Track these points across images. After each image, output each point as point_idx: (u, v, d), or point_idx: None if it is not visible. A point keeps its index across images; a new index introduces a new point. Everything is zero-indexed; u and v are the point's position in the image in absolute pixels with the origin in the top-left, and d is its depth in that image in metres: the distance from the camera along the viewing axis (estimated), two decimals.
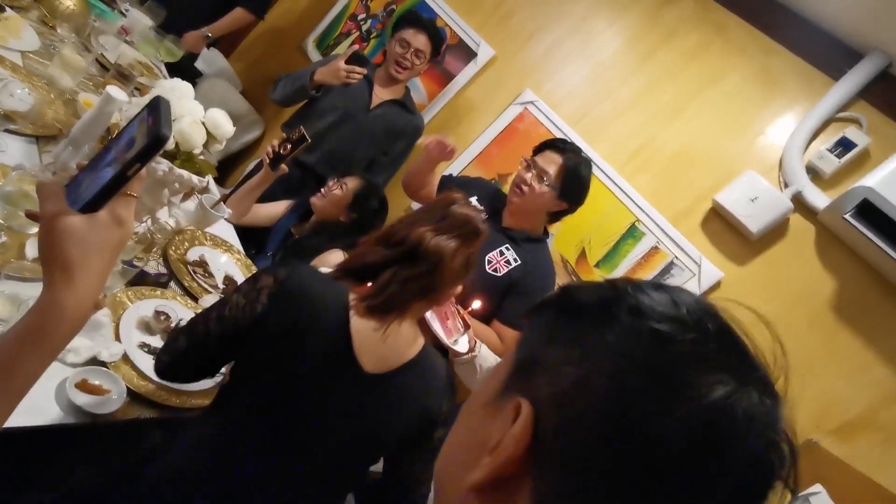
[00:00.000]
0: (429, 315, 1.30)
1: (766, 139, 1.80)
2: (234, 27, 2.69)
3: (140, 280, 1.33)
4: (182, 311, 1.34)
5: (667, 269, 1.83)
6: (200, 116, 1.40)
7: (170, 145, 1.31)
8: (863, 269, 1.58)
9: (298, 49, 3.14)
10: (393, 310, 0.91)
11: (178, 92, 1.40)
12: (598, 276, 1.95)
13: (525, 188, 1.69)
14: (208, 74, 3.05)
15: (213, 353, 1.00)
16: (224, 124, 1.42)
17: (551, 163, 1.69)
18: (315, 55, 3.04)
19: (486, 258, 1.75)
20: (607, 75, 2.14)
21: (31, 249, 1.14)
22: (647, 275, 1.86)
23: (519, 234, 1.76)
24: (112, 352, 1.11)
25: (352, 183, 1.90)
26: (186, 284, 1.46)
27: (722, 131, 1.88)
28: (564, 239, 2.03)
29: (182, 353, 1.00)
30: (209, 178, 1.54)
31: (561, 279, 2.00)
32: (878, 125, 1.63)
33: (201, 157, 1.45)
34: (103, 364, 1.10)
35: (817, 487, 1.02)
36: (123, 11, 2.28)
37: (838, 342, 1.57)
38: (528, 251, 1.75)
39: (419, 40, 2.13)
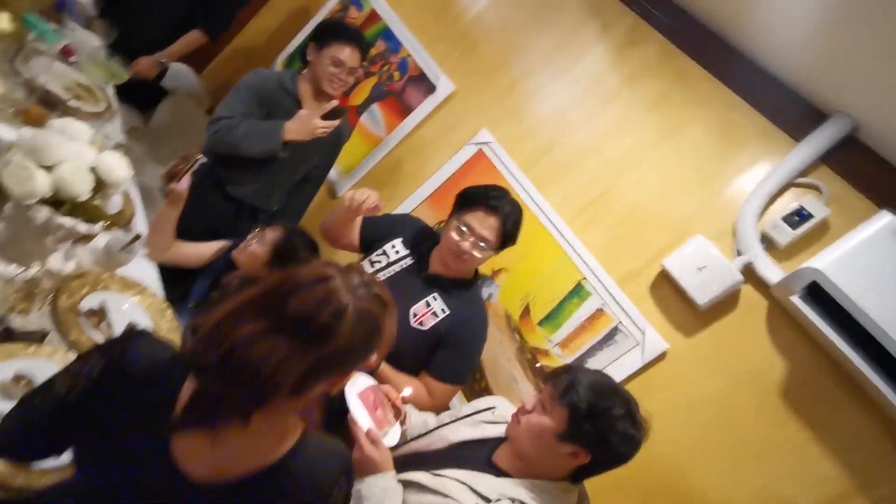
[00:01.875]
0: (353, 402, 1.17)
1: (722, 200, 1.67)
2: (190, 50, 2.61)
3: (8, 336, 1.23)
4: (48, 372, 1.24)
5: (610, 336, 1.70)
6: (88, 162, 1.29)
7: (46, 192, 1.22)
8: (814, 352, 1.44)
9: (268, 68, 3.06)
10: (215, 424, 0.78)
11: (66, 134, 1.31)
12: (541, 335, 1.82)
13: (465, 257, 1.56)
14: (176, 92, 2.98)
15: (47, 432, 0.88)
16: (117, 170, 1.32)
17: (487, 227, 1.53)
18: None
19: (412, 311, 1.63)
20: (566, 118, 2.03)
21: None
22: (591, 339, 1.73)
23: (448, 280, 1.64)
24: None
25: (271, 234, 1.77)
26: (72, 339, 1.35)
27: (678, 188, 1.75)
28: (509, 293, 1.91)
29: (16, 426, 0.89)
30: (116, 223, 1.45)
31: (501, 334, 1.88)
32: (840, 195, 1.50)
33: (95, 201, 1.35)
34: None
35: None
36: (69, 30, 2.21)
37: (786, 431, 1.43)
38: (458, 299, 1.62)
39: (354, 58, 1.98)
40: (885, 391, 1.19)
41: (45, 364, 1.26)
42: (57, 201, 1.27)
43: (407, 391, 1.25)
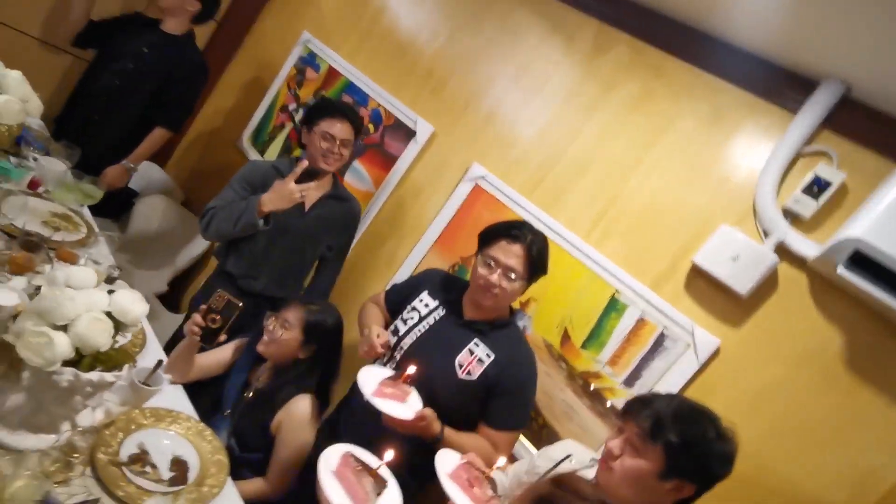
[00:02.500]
0: (450, 489, 1.09)
1: (733, 185, 1.66)
2: (155, 149, 2.55)
3: None
4: None
5: (658, 343, 1.67)
6: (103, 307, 1.22)
7: (69, 353, 1.14)
8: (867, 316, 1.43)
9: (234, 147, 3.01)
10: None
11: (74, 282, 1.23)
12: (587, 357, 1.78)
13: (496, 290, 1.54)
14: (145, 191, 2.89)
15: None
16: (133, 308, 1.25)
17: (512, 255, 1.55)
18: (252, 152, 2.90)
19: (457, 362, 1.58)
20: (553, 136, 2.02)
21: None
22: (639, 351, 1.70)
23: (486, 324, 1.61)
24: None
25: (294, 316, 1.71)
26: (122, 495, 1.26)
27: (685, 182, 1.74)
28: (544, 322, 1.87)
29: None
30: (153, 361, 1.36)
31: (546, 366, 1.83)
32: (850, 156, 1.51)
33: (116, 346, 1.27)
34: None
35: None
36: (32, 160, 2.13)
37: (860, 402, 1.41)
38: (499, 341, 1.60)
39: (344, 131, 1.99)
40: None
41: None
42: (74, 362, 1.19)
43: (501, 461, 1.19)
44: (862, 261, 1.32)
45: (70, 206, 2.08)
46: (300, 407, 1.70)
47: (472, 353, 1.59)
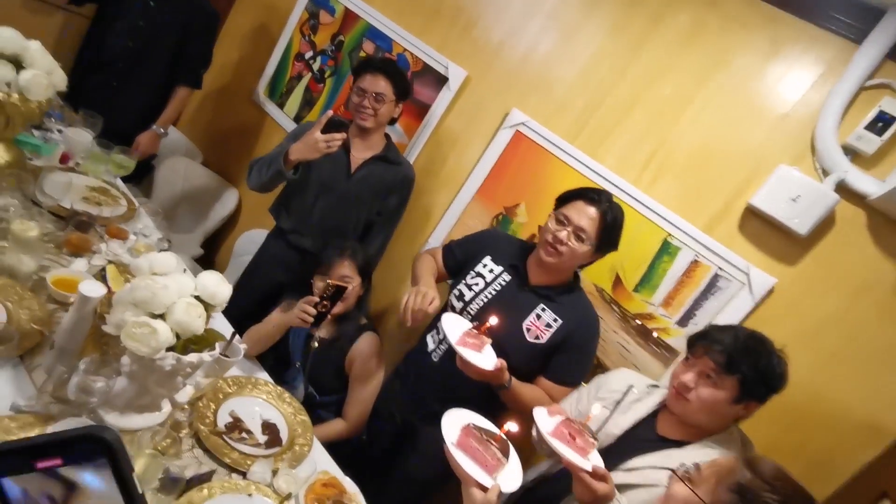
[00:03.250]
0: (559, 447, 1.15)
1: (792, 122, 1.64)
2: (181, 109, 2.46)
3: (186, 488, 1.22)
4: (234, 503, 1.24)
5: (713, 284, 1.72)
6: (191, 290, 1.23)
7: (172, 340, 1.16)
8: None
9: (250, 101, 2.90)
10: None
11: (159, 269, 1.24)
12: (639, 300, 1.83)
13: (562, 248, 1.55)
14: (163, 155, 2.82)
15: None
16: (220, 289, 1.26)
17: (585, 216, 1.54)
18: (270, 106, 2.81)
19: (524, 326, 1.63)
20: (597, 77, 1.95)
21: None
22: (693, 292, 1.75)
23: (552, 289, 1.64)
24: None
25: (349, 269, 1.80)
26: (230, 462, 1.34)
27: (739, 119, 1.72)
28: (595, 268, 1.89)
29: None
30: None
31: (599, 310, 1.89)
32: None
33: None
34: None
35: None
36: (56, 133, 2.05)
37: None
38: (566, 305, 1.64)
39: (377, 84, 1.93)
40: None
41: (236, 500, 1.25)
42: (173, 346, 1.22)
43: (595, 409, 1.27)
44: None
45: (103, 179, 2.04)
46: (370, 344, 1.83)
47: (539, 317, 1.63)
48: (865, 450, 1.50)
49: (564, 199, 1.60)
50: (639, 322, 1.83)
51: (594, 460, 1.16)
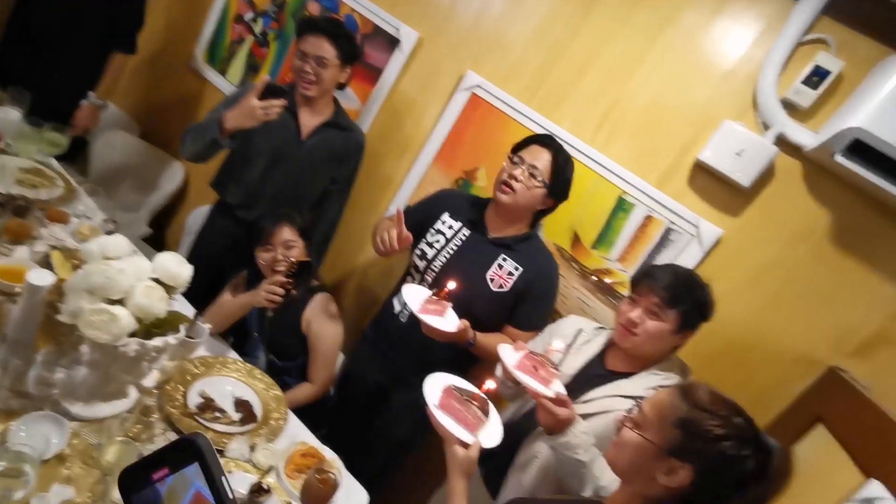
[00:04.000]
0: (522, 377, 1.23)
1: (736, 78, 1.70)
2: (118, 77, 2.29)
3: None
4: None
5: (665, 237, 1.80)
6: (149, 273, 1.19)
7: (133, 325, 1.13)
8: (858, 197, 1.58)
9: (188, 68, 2.74)
10: None
11: (112, 252, 1.18)
12: (597, 256, 1.90)
13: (516, 185, 1.60)
14: (98, 130, 2.63)
15: None
16: (181, 269, 1.22)
17: (539, 158, 1.62)
18: (210, 72, 2.66)
19: (488, 276, 1.69)
20: (550, 37, 1.95)
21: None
22: (647, 246, 1.83)
23: (510, 239, 1.70)
24: None
25: (289, 233, 1.77)
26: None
27: (687, 76, 1.77)
28: (554, 228, 1.95)
29: None
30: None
31: (560, 269, 1.95)
32: (848, 43, 1.56)
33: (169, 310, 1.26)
34: None
35: (878, 490, 1.06)
36: None
37: (845, 270, 1.62)
38: (525, 254, 1.71)
39: (319, 47, 1.84)
40: None
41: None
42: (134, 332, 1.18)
43: (556, 344, 1.35)
44: (859, 148, 1.43)
45: (36, 159, 1.90)
46: (323, 304, 1.84)
47: (501, 267, 1.69)
48: (802, 380, 1.65)
49: (519, 145, 1.66)
50: (597, 277, 1.91)
51: (556, 388, 1.24)
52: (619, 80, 1.85)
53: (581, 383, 1.45)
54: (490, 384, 1.21)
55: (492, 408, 1.20)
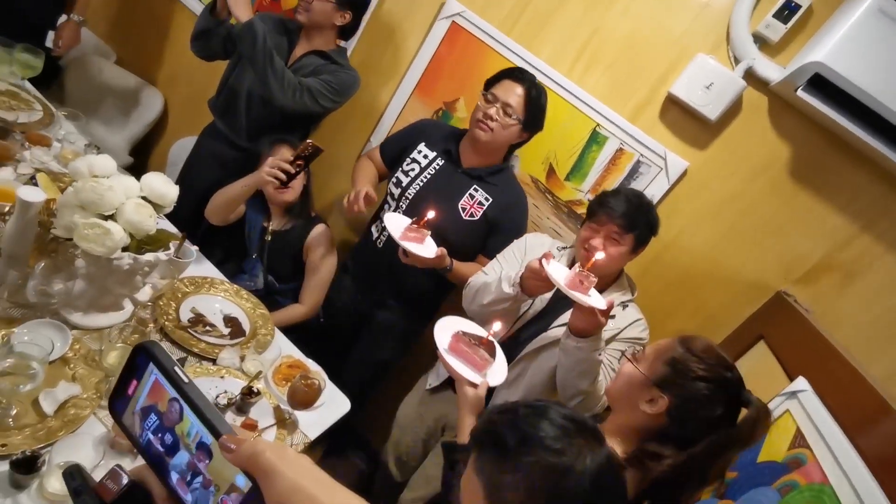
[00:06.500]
0: (566, 288, 1.31)
1: (711, 11, 1.73)
2: None
3: None
4: (208, 385, 1.35)
5: (635, 169, 1.88)
6: (137, 191, 1.25)
7: (126, 239, 1.19)
8: (816, 132, 1.66)
9: None
10: None
11: (99, 170, 1.23)
12: (570, 188, 1.98)
13: (492, 123, 1.67)
14: (70, 55, 2.57)
15: None
16: (167, 189, 1.28)
17: (512, 93, 1.66)
18: None
19: (459, 205, 1.78)
20: None
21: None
22: (617, 178, 1.91)
23: (483, 170, 1.77)
24: None
25: (290, 155, 1.80)
26: (198, 351, 1.44)
27: (665, 8, 1.78)
28: (529, 159, 2.01)
29: None
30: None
31: (534, 199, 2.04)
32: None
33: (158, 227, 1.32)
34: None
35: (803, 384, 1.21)
36: None
37: (797, 203, 1.72)
38: (496, 185, 1.79)
39: None
40: (886, 152, 1.44)
41: (210, 382, 1.37)
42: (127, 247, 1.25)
43: (599, 255, 1.44)
44: (820, 83, 1.49)
45: (10, 82, 1.88)
46: (324, 234, 1.98)
47: (472, 197, 1.77)
48: (753, 304, 1.79)
49: (492, 80, 1.70)
50: (568, 209, 2.00)
51: (597, 298, 1.35)
52: (597, 10, 1.86)
53: (553, 303, 1.58)
54: (497, 326, 1.31)
55: (498, 349, 1.32)
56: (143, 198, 1.26)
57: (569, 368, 1.39)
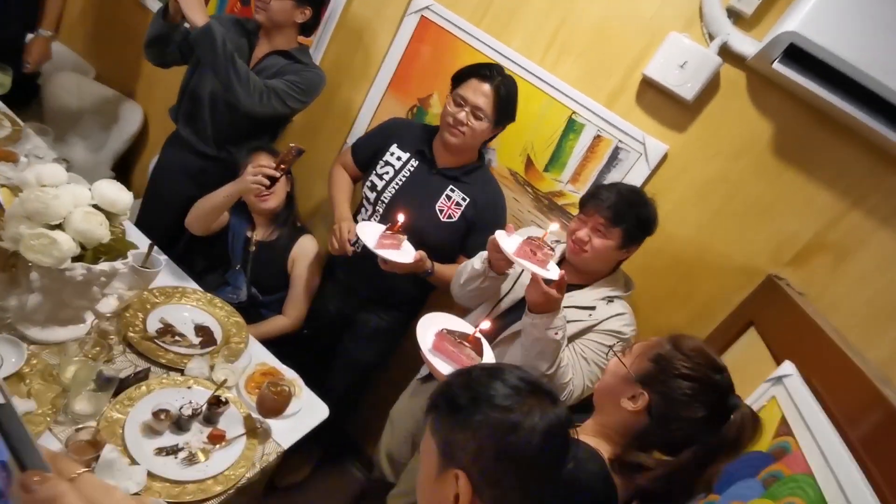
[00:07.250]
0: (524, 264, 1.28)
1: None
2: (63, 7, 2.21)
3: (121, 386, 1.28)
4: (174, 396, 1.32)
5: (614, 156, 1.82)
6: (88, 199, 1.22)
7: (75, 249, 1.16)
8: (798, 107, 1.59)
9: (136, 3, 2.63)
10: None
11: (47, 180, 1.20)
12: (549, 179, 1.93)
13: (463, 128, 1.63)
14: (48, 72, 2.57)
15: None
16: (119, 196, 1.25)
17: (481, 95, 1.61)
18: (155, 3, 2.56)
19: (437, 207, 1.74)
20: None
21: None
22: (597, 166, 1.85)
23: (458, 170, 1.74)
24: (137, 479, 1.11)
25: (268, 162, 1.78)
26: (165, 362, 1.40)
27: None
28: (507, 151, 1.97)
29: None
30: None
31: (514, 192, 1.99)
32: None
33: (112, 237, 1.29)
34: (136, 494, 1.10)
35: (789, 368, 1.15)
36: None
37: (783, 182, 1.65)
38: (472, 184, 1.75)
39: None
40: (872, 124, 1.37)
41: (176, 392, 1.33)
42: (80, 257, 1.22)
43: (553, 225, 1.46)
44: (796, 54, 1.43)
45: None
46: (311, 246, 1.96)
47: (449, 198, 1.73)
48: (744, 290, 1.73)
49: (459, 77, 1.65)
50: (548, 200, 1.94)
51: (553, 270, 1.30)
52: None
53: None
54: (485, 324, 1.25)
55: (486, 346, 1.24)
56: (95, 206, 1.23)
57: (527, 347, 1.35)
